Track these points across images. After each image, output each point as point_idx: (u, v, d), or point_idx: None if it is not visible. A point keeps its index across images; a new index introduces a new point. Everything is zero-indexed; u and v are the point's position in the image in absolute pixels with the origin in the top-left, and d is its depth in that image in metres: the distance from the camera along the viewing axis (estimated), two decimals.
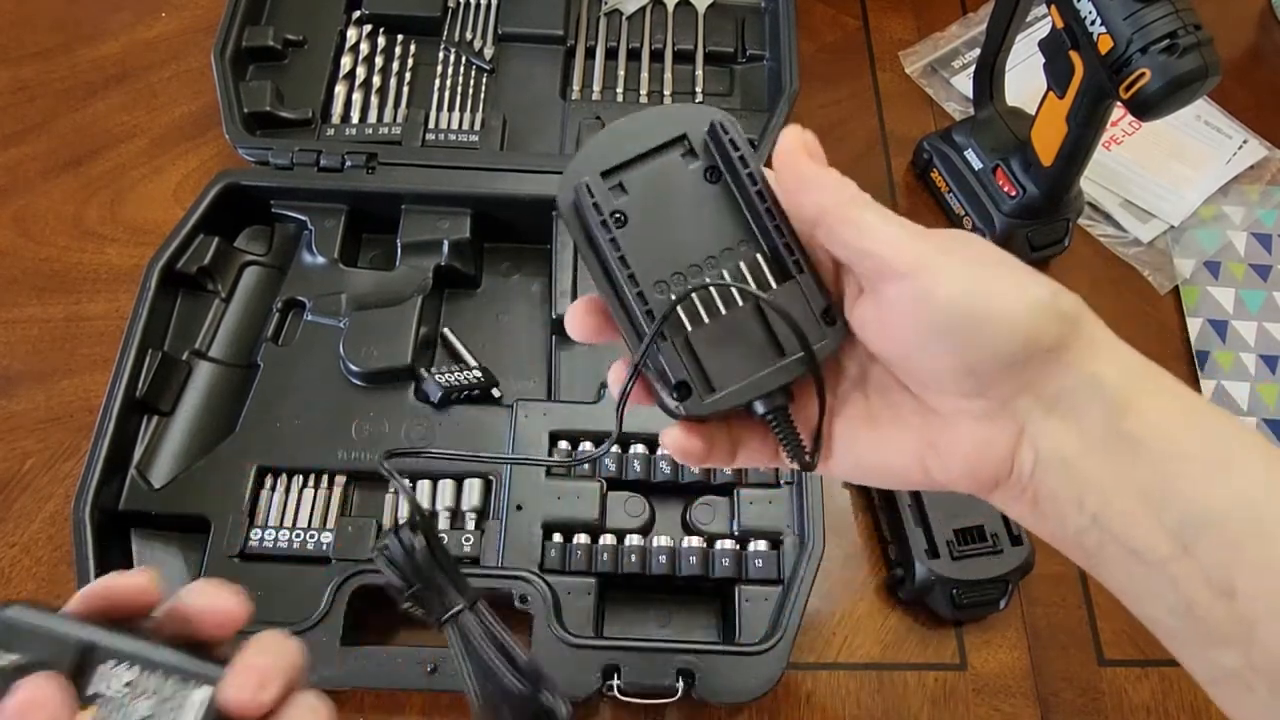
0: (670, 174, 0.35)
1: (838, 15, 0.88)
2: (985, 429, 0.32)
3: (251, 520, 0.60)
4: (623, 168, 0.34)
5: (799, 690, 0.60)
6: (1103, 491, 0.30)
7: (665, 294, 0.34)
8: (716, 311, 0.34)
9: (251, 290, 0.69)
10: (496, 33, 0.80)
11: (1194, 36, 0.55)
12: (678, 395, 0.33)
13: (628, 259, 0.33)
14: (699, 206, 0.34)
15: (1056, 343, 0.31)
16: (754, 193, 0.34)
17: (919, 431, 0.34)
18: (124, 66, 0.82)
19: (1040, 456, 0.31)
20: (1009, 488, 0.32)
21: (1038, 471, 0.31)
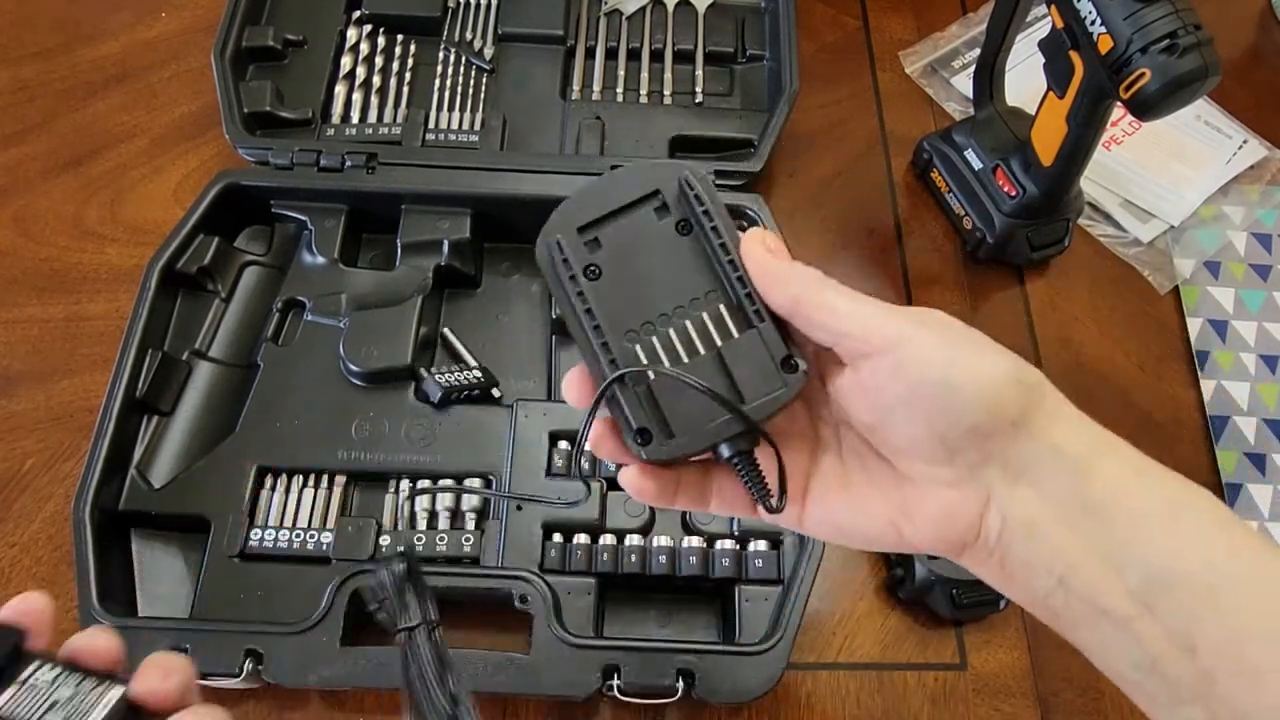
0: (643, 228, 0.37)
1: (838, 15, 0.88)
2: (954, 495, 0.34)
3: (251, 520, 0.60)
4: (598, 223, 0.36)
5: (799, 690, 0.60)
6: (1067, 555, 0.32)
7: (634, 342, 0.36)
8: (678, 359, 0.35)
9: (251, 290, 0.69)
10: (496, 33, 0.80)
11: (1194, 36, 0.55)
12: (639, 440, 0.35)
13: (594, 311, 0.35)
14: (670, 258, 0.36)
15: (1020, 414, 0.33)
16: (717, 245, 0.36)
17: (891, 497, 0.35)
18: (124, 66, 0.82)
19: (1007, 522, 0.33)
20: (977, 551, 0.34)
21: (1005, 536, 0.33)
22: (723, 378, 0.35)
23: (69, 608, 0.60)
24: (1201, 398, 0.71)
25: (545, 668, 0.54)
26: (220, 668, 0.54)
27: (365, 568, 0.57)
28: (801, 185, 0.79)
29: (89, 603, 0.55)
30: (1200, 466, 0.69)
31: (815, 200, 0.78)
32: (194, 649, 0.54)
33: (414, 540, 0.60)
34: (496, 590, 0.57)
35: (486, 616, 0.59)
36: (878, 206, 0.78)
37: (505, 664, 0.55)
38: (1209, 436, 0.70)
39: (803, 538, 0.58)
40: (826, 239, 0.76)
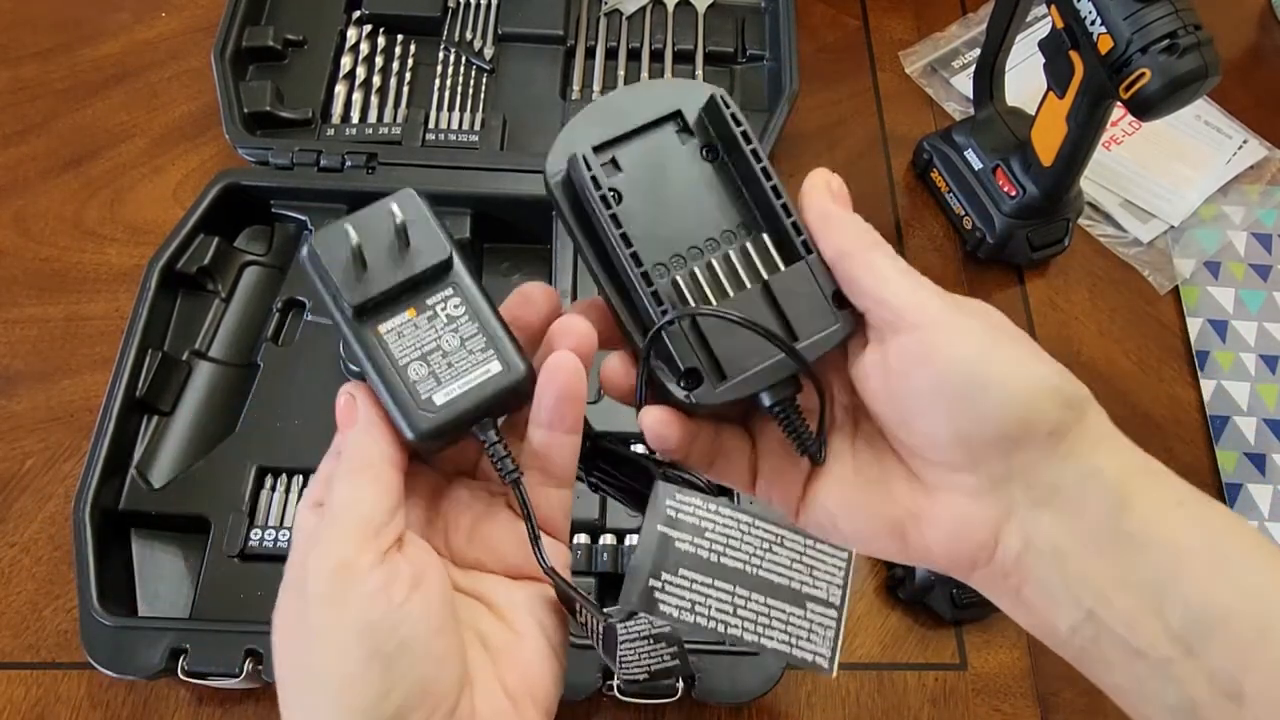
0: (665, 151, 0.33)
1: (838, 15, 0.88)
2: (970, 506, 0.31)
3: (251, 520, 0.60)
4: (615, 143, 0.33)
5: (799, 690, 0.60)
6: (1099, 587, 0.29)
7: (666, 277, 0.32)
8: (724, 294, 0.32)
9: (251, 290, 0.69)
10: (496, 33, 0.80)
11: (1194, 36, 0.55)
12: (687, 384, 0.31)
13: (630, 237, 0.31)
14: (697, 185, 0.33)
15: (1056, 428, 0.29)
16: (759, 170, 0.33)
17: (902, 499, 0.32)
18: (124, 66, 0.82)
19: (1030, 546, 0.30)
20: (990, 573, 0.31)
21: (1026, 560, 0.30)
22: (773, 314, 0.32)
23: (69, 607, 0.60)
24: (1201, 398, 0.71)
25: None
26: (220, 668, 0.54)
27: None
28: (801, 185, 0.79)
29: (89, 603, 0.55)
30: (1200, 466, 0.69)
31: None
32: (194, 649, 0.54)
33: None
34: None
35: None
36: (878, 206, 0.78)
37: None
38: (1209, 436, 0.70)
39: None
40: None
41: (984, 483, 0.30)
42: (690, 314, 0.31)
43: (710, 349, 0.31)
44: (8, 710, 0.58)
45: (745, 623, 0.31)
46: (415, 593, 0.29)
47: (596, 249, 0.32)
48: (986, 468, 0.30)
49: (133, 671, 0.54)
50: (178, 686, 0.58)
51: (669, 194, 0.33)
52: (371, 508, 0.30)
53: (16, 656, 0.59)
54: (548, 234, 0.70)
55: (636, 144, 0.33)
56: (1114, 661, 0.30)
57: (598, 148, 0.32)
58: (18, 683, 0.59)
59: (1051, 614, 0.30)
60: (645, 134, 0.33)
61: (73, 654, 0.59)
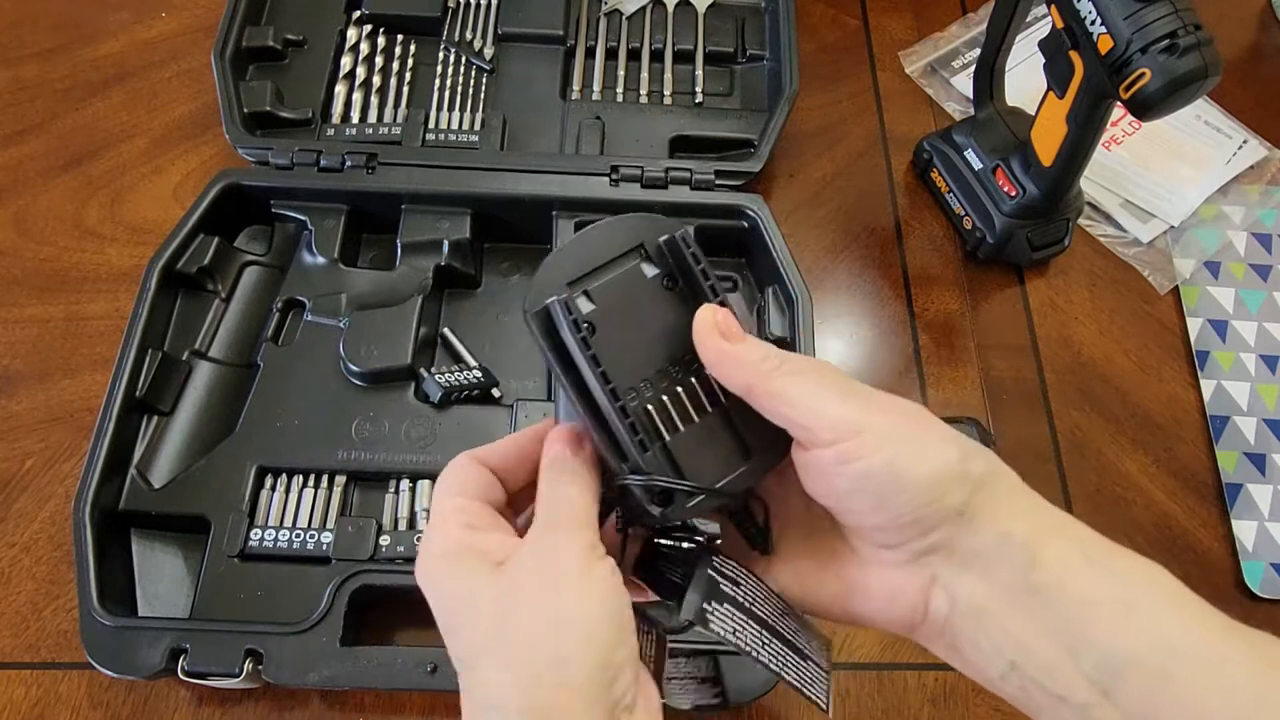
0: (631, 281, 0.36)
1: (838, 15, 0.88)
2: (898, 576, 0.35)
3: (251, 520, 0.60)
4: (586, 278, 0.35)
5: None
6: (1019, 640, 0.32)
7: (638, 400, 0.35)
8: (690, 419, 0.35)
9: (251, 290, 0.69)
10: (496, 33, 0.80)
11: (1194, 36, 0.55)
12: (660, 502, 0.34)
13: (609, 373, 0.34)
14: (660, 312, 0.36)
15: (963, 506, 0.33)
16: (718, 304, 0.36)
17: (843, 571, 0.37)
18: (124, 66, 0.82)
19: (955, 606, 0.34)
20: (927, 630, 0.35)
21: (954, 620, 0.34)
22: (730, 434, 0.36)
23: (69, 607, 0.60)
24: (1201, 398, 0.71)
25: None
26: (220, 668, 0.54)
27: (371, 566, 0.57)
28: (801, 185, 0.79)
29: (89, 603, 0.55)
30: (1200, 467, 0.69)
31: (815, 200, 0.78)
32: (194, 649, 0.54)
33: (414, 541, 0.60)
34: None
35: None
36: (878, 206, 0.78)
37: None
38: (1209, 436, 0.70)
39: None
40: (826, 239, 0.76)
41: (909, 556, 0.34)
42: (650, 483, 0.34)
43: (680, 470, 0.35)
44: (8, 710, 0.58)
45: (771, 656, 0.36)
46: (619, 579, 0.34)
47: (572, 377, 0.35)
48: (909, 545, 0.34)
49: (133, 671, 0.54)
50: (178, 686, 0.58)
51: (636, 320, 0.36)
52: (590, 508, 0.35)
53: (16, 656, 0.59)
54: (548, 234, 0.70)
55: (605, 277, 0.36)
56: (1043, 706, 0.33)
57: (571, 283, 0.35)
58: (18, 683, 0.59)
59: (983, 665, 0.34)
60: (612, 267, 0.36)
61: (73, 654, 0.59)
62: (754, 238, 0.69)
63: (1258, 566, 0.65)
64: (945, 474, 0.33)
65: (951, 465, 0.33)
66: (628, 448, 0.34)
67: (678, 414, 0.35)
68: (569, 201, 0.70)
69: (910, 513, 0.33)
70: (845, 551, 0.37)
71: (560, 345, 0.35)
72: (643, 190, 0.70)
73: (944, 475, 0.33)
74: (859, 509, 0.34)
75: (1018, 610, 0.32)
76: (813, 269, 0.74)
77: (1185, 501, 0.67)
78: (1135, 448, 0.69)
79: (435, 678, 0.54)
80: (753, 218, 0.69)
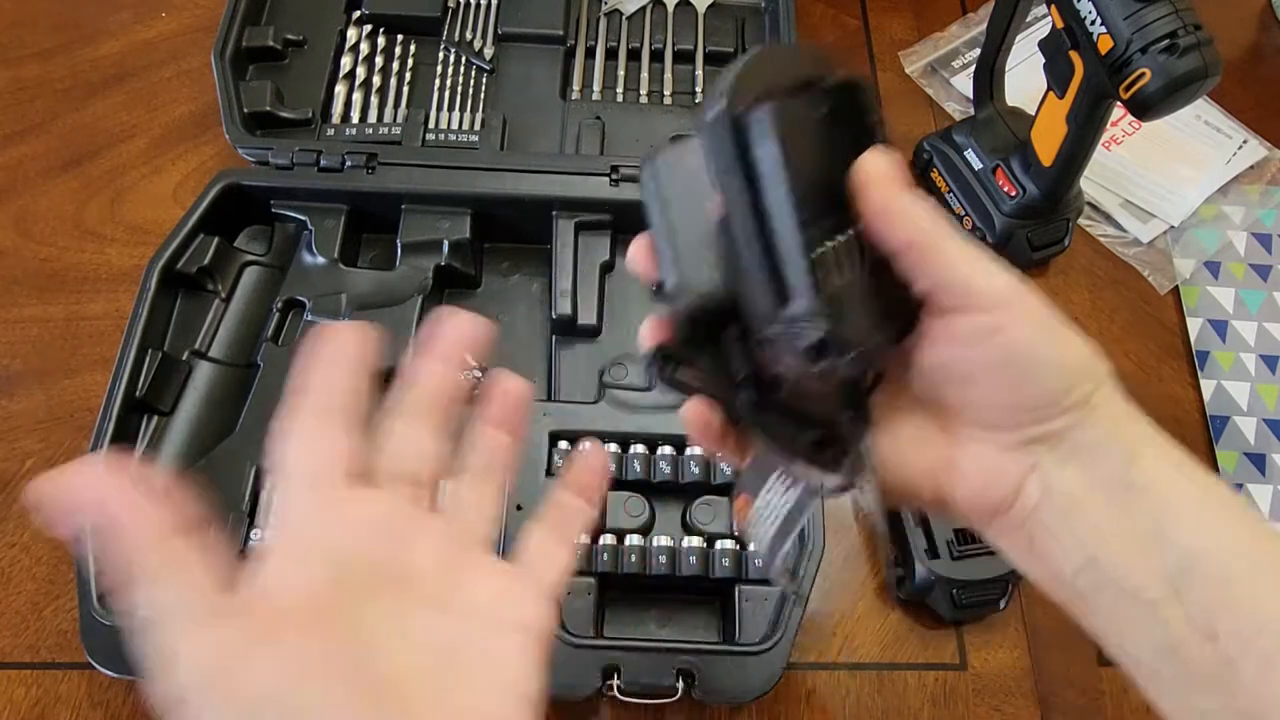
0: (805, 114, 0.31)
1: (838, 15, 0.88)
2: (1000, 460, 0.34)
3: (251, 520, 0.60)
4: (769, 98, 0.31)
5: (799, 690, 0.60)
6: (1104, 532, 0.33)
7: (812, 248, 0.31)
8: (842, 273, 0.31)
9: (251, 290, 0.69)
10: (496, 33, 0.80)
11: (1194, 36, 0.55)
12: (814, 354, 0.31)
13: (799, 204, 0.30)
14: (823, 155, 0.32)
15: (1086, 398, 0.33)
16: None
17: (941, 448, 0.36)
18: (124, 66, 0.82)
19: (1047, 495, 0.34)
20: (1007, 521, 0.35)
21: (1041, 510, 0.34)
22: (870, 296, 0.32)
23: (69, 608, 0.60)
24: (1201, 398, 0.71)
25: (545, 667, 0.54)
26: None
27: None
28: None
29: (89, 603, 0.55)
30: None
31: None
32: None
33: None
34: None
35: None
36: None
37: None
38: (1209, 436, 0.70)
39: (803, 537, 0.58)
40: None
41: (1018, 441, 0.34)
42: (814, 330, 0.31)
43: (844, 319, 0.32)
44: (8, 710, 0.58)
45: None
46: None
47: (750, 198, 0.31)
48: (1025, 430, 0.34)
49: (133, 671, 0.54)
50: None
51: (802, 159, 0.31)
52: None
53: (16, 656, 0.59)
54: (548, 234, 0.70)
55: (786, 102, 0.31)
56: (1110, 604, 0.33)
57: (759, 99, 0.30)
58: (18, 683, 0.59)
59: (1058, 560, 0.34)
60: (791, 94, 0.31)
61: (73, 654, 0.59)
62: None
63: None
64: (1082, 365, 0.33)
65: (1085, 358, 0.34)
66: (800, 288, 0.30)
67: (835, 267, 0.31)
68: (569, 201, 0.70)
69: (1043, 396, 0.33)
70: (949, 429, 0.35)
71: (745, 159, 0.31)
72: None
73: (1081, 366, 0.33)
74: (991, 385, 0.33)
75: (1111, 505, 0.33)
76: None
77: None
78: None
79: None
80: None
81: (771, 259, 0.31)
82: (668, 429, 0.63)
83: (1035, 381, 0.33)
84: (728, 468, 0.62)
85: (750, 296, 0.32)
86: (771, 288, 0.31)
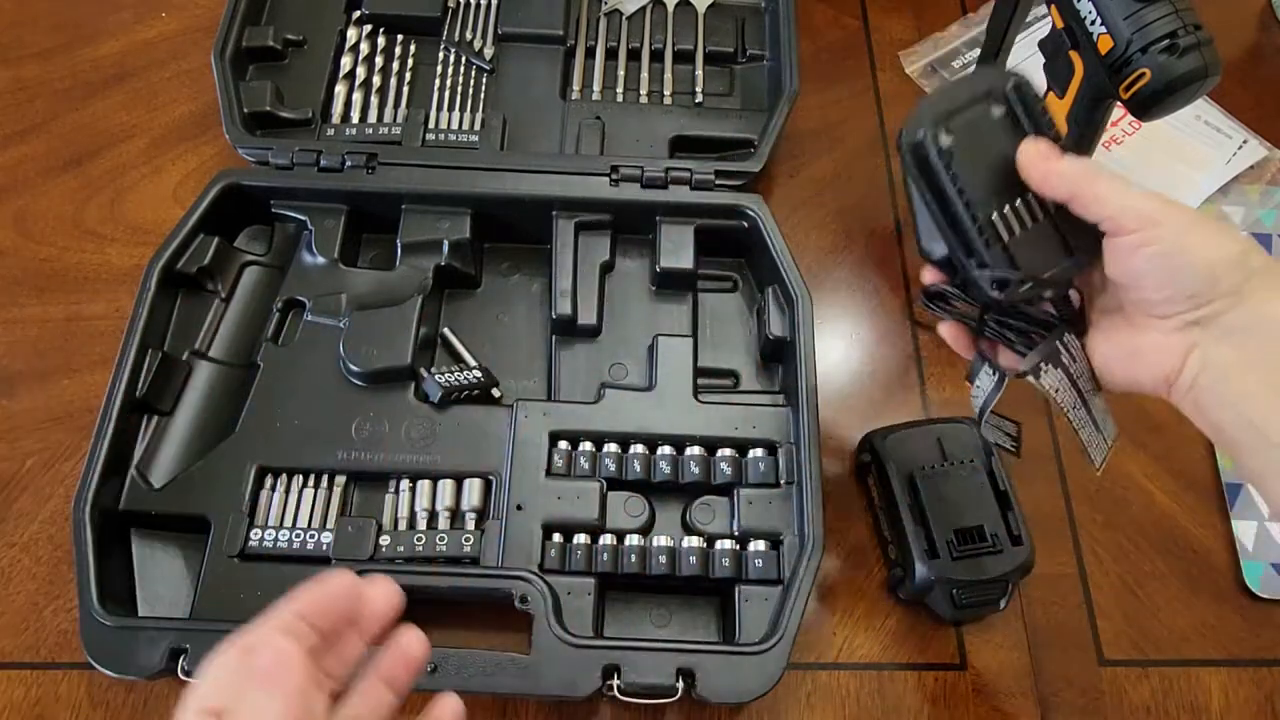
0: (982, 119, 0.46)
1: (838, 15, 0.88)
2: (1167, 341, 0.43)
3: (251, 520, 0.60)
4: (948, 117, 0.45)
5: (799, 690, 0.60)
6: (1255, 399, 0.41)
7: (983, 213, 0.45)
8: (1024, 225, 0.46)
9: (251, 290, 0.69)
10: (496, 33, 0.80)
11: (1194, 36, 0.55)
12: (999, 288, 0.45)
13: (964, 189, 0.45)
14: (1003, 145, 0.45)
15: (1235, 288, 0.41)
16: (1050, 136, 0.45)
17: (1128, 338, 0.46)
18: (124, 66, 0.82)
19: (1205, 367, 0.42)
20: (1177, 388, 0.44)
21: (1201, 380, 0.43)
22: (1058, 237, 0.46)
23: (69, 608, 0.60)
24: None
25: (545, 668, 0.55)
26: None
27: (369, 566, 0.57)
28: (801, 185, 0.79)
29: (89, 603, 0.55)
30: (1200, 466, 0.69)
31: (815, 200, 0.78)
32: (194, 649, 0.54)
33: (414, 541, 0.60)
34: (496, 590, 0.57)
35: (486, 616, 0.59)
36: (878, 206, 0.78)
37: (505, 664, 0.55)
38: None
39: (803, 538, 0.58)
40: (826, 239, 0.76)
41: (1179, 325, 0.43)
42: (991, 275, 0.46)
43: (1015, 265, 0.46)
44: (8, 710, 0.58)
45: (1075, 415, 0.49)
46: None
47: (935, 194, 0.46)
48: (1182, 315, 0.43)
49: (133, 671, 0.54)
50: (178, 686, 0.58)
51: (986, 151, 0.46)
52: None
53: (16, 656, 0.59)
54: (548, 234, 0.70)
55: (963, 116, 0.46)
56: (1262, 456, 0.42)
57: (935, 121, 0.45)
58: (18, 683, 0.59)
59: (1218, 418, 0.43)
60: (969, 108, 0.46)
61: (73, 654, 0.59)
62: (754, 238, 0.69)
63: (1258, 566, 0.65)
64: (1225, 260, 0.41)
65: (1232, 254, 0.41)
66: (977, 247, 0.45)
67: (1017, 222, 0.46)
68: (569, 201, 0.70)
69: (1190, 287, 0.42)
70: (1132, 324, 0.45)
71: (928, 169, 0.46)
72: (643, 190, 0.70)
73: (1224, 261, 0.41)
74: (1150, 285, 0.43)
75: (1260, 375, 0.41)
76: (813, 269, 0.74)
77: (1185, 501, 0.67)
78: (1135, 448, 0.69)
79: (435, 678, 0.54)
80: (753, 218, 0.69)
81: (957, 231, 0.46)
82: (668, 429, 0.63)
83: (1176, 279, 0.42)
84: (727, 467, 0.62)
85: (956, 257, 0.47)
86: (962, 250, 0.47)
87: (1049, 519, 0.66)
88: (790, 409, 0.64)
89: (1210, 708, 0.61)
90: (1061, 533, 0.66)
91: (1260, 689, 0.62)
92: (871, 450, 0.64)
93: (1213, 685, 0.62)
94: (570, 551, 0.59)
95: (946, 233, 0.47)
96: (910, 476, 0.61)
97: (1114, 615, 0.64)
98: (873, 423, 0.66)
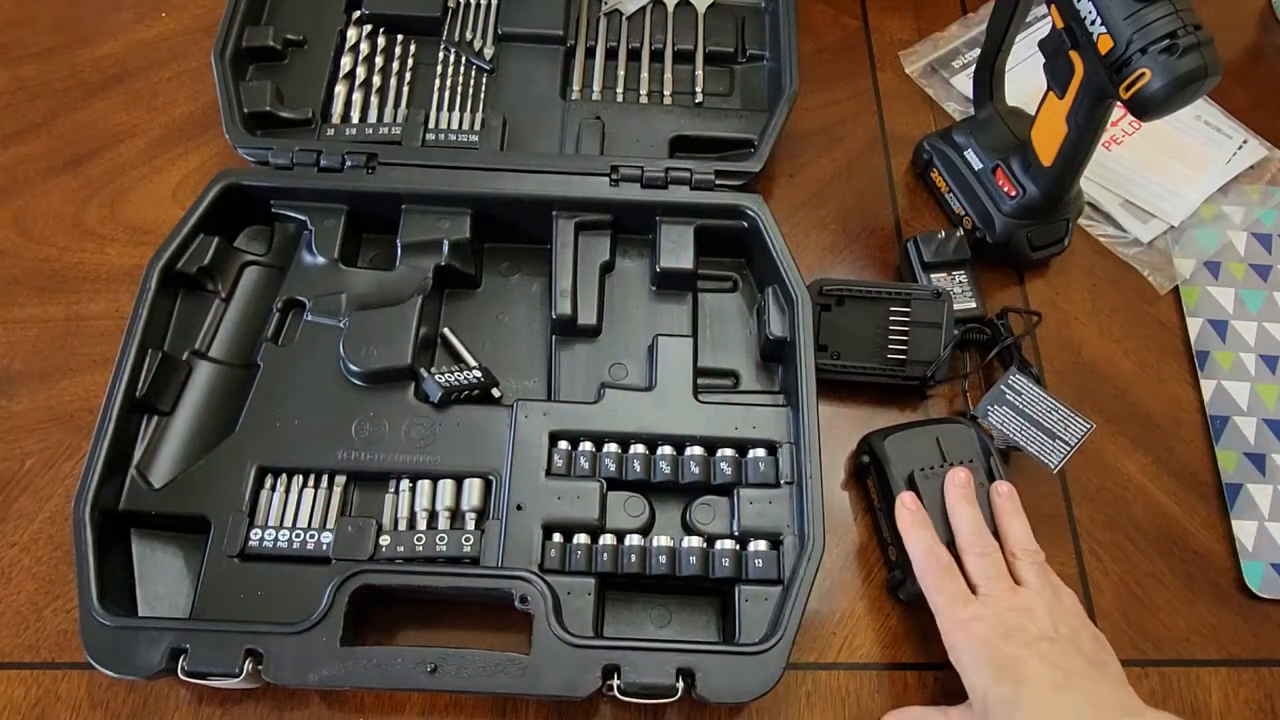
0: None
1: (838, 15, 0.88)
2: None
3: (251, 520, 0.60)
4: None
5: (799, 690, 0.60)
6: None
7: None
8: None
9: (251, 290, 0.69)
10: (496, 33, 0.80)
11: (1194, 36, 0.55)
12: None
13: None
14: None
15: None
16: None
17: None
18: (124, 66, 0.82)
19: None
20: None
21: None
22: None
23: (69, 608, 0.60)
24: (1201, 398, 0.71)
25: (545, 668, 0.54)
26: (220, 668, 0.54)
27: (370, 566, 0.57)
28: (801, 185, 0.79)
29: (89, 603, 0.55)
30: (1200, 466, 0.69)
31: (815, 200, 0.78)
32: (194, 649, 0.54)
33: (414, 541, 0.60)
34: (496, 590, 0.57)
35: (486, 616, 0.59)
36: (878, 206, 0.78)
37: (505, 664, 0.55)
38: (1209, 436, 0.70)
39: (803, 538, 0.58)
40: (826, 239, 0.76)
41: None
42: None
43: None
44: (8, 710, 0.58)
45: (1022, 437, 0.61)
46: None
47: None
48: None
49: (133, 671, 0.54)
50: (178, 686, 0.58)
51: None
52: None
53: (16, 656, 0.59)
54: (548, 234, 0.70)
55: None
56: None
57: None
58: (18, 683, 0.59)
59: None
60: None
61: (73, 654, 0.59)
62: (754, 238, 0.69)
63: (1258, 566, 0.65)
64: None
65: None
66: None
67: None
68: (569, 201, 0.70)
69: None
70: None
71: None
72: (643, 190, 0.70)
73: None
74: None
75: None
76: (813, 269, 0.74)
77: (1185, 501, 0.67)
78: (1135, 448, 0.69)
79: (435, 678, 0.54)
80: (753, 218, 0.69)
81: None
82: (668, 429, 0.63)
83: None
84: (727, 467, 0.62)
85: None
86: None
87: (1049, 519, 0.66)
88: (790, 409, 0.64)
89: (1210, 708, 0.61)
90: (1061, 533, 0.66)
91: (1260, 689, 0.62)
92: (871, 451, 0.64)
93: (1212, 685, 0.62)
94: (570, 551, 0.59)
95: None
96: (910, 477, 0.62)
97: (1114, 615, 0.64)
98: (872, 423, 0.66)
